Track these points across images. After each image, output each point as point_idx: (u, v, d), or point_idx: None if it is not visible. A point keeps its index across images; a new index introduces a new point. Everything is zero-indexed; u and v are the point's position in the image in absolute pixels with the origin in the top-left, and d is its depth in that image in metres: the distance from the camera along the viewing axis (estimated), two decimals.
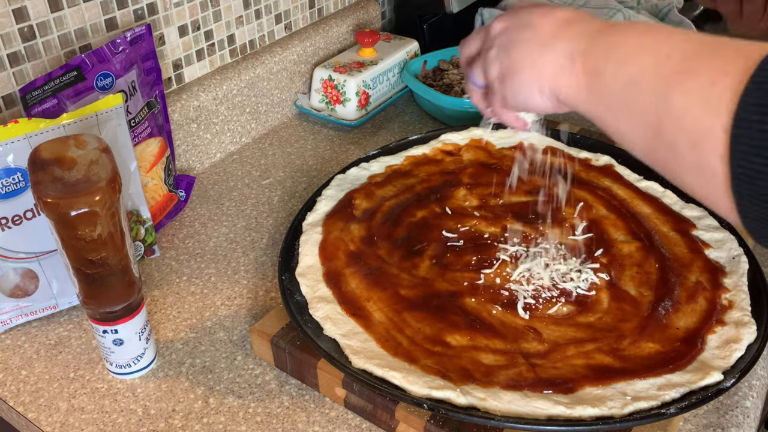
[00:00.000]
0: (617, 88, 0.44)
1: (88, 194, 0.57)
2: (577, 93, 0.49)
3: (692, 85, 0.38)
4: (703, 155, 0.38)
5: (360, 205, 0.81)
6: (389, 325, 0.65)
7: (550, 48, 0.50)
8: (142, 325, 0.66)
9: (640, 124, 0.43)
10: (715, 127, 0.37)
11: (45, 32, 0.79)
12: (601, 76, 0.46)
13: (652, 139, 0.42)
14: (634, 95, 0.43)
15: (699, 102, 0.38)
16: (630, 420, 0.55)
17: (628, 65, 0.44)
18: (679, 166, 0.41)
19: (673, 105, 0.39)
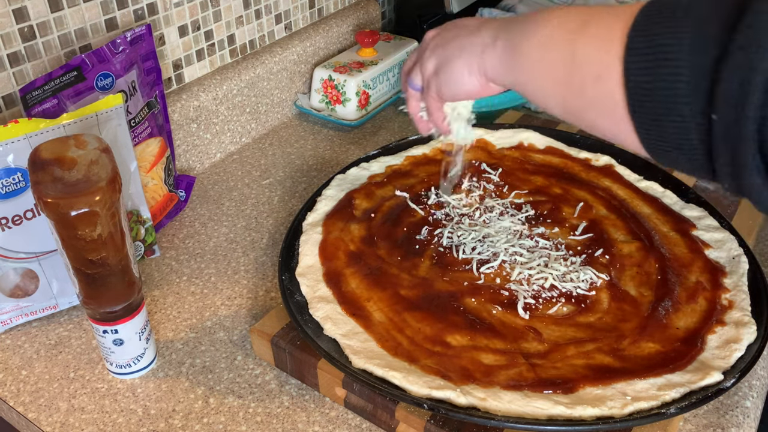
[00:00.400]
0: (531, 54, 0.51)
1: (88, 194, 0.57)
2: (500, 66, 0.55)
3: (592, 34, 0.45)
4: (605, 86, 0.43)
5: (360, 205, 0.81)
6: (389, 325, 0.65)
7: (476, 35, 0.58)
8: (142, 325, 0.66)
9: (553, 79, 0.49)
10: (612, 58, 0.42)
11: (45, 32, 0.79)
12: (517, 47, 0.52)
13: (565, 90, 0.48)
14: (545, 56, 0.49)
15: (598, 44, 0.44)
16: (630, 420, 0.55)
17: (539, 33, 0.50)
18: (588, 106, 0.46)
19: (577, 53, 0.46)
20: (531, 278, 0.70)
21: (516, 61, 0.53)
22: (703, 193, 0.83)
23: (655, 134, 0.42)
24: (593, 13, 0.46)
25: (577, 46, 0.46)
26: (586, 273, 0.70)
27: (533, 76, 0.52)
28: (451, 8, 1.23)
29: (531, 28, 0.51)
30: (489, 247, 0.74)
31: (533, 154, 0.90)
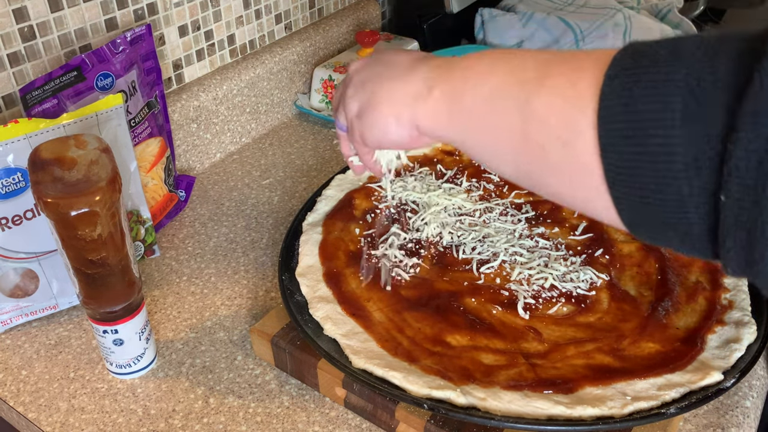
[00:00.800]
0: (477, 105, 0.43)
1: (88, 194, 0.57)
2: (436, 118, 0.47)
3: (552, 87, 0.38)
4: (573, 152, 0.36)
5: (360, 205, 0.81)
6: (389, 325, 0.65)
7: (406, 78, 0.50)
8: (142, 325, 0.66)
9: (504, 136, 0.41)
10: (582, 124, 0.35)
11: (45, 32, 0.79)
12: (459, 97, 0.45)
13: (519, 148, 0.40)
14: (495, 108, 0.42)
15: (561, 101, 0.37)
16: (630, 420, 0.55)
17: (486, 81, 0.43)
18: (549, 172, 0.39)
19: (536, 109, 0.38)
20: (531, 278, 0.70)
21: (457, 116, 0.45)
22: None
23: (642, 212, 0.35)
24: (553, 61, 0.39)
25: (535, 102, 0.38)
26: (586, 273, 0.70)
27: (479, 135, 0.44)
28: (451, 8, 1.23)
29: (475, 76, 0.44)
30: (489, 247, 0.74)
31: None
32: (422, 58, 0.51)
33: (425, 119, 0.48)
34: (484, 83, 0.43)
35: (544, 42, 1.26)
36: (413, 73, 0.49)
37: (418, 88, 0.48)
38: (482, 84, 0.43)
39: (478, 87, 0.43)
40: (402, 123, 0.50)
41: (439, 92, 0.47)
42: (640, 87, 0.33)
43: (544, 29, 1.27)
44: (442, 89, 0.46)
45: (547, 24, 1.26)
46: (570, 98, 0.36)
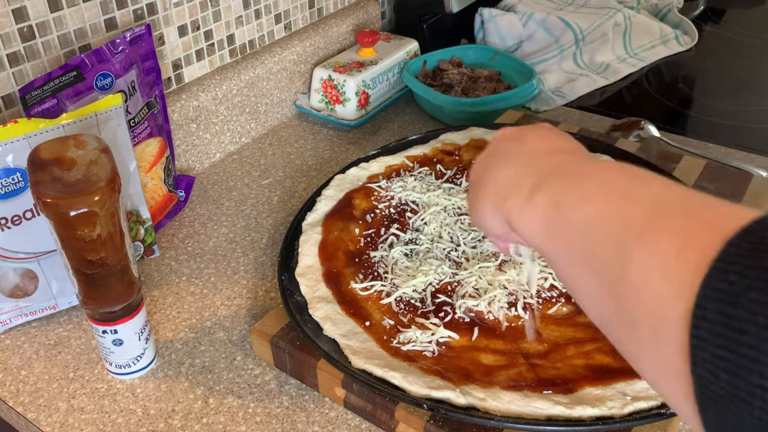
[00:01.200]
0: (576, 223, 0.37)
1: (87, 194, 0.57)
2: (529, 225, 0.42)
3: (656, 248, 0.31)
4: (663, 345, 0.29)
5: (360, 205, 0.81)
6: (389, 325, 0.65)
7: (517, 168, 0.45)
8: (142, 326, 0.66)
9: (595, 276, 0.35)
10: (674, 313, 0.28)
11: (44, 32, 0.79)
12: (560, 207, 0.39)
13: (608, 303, 0.34)
14: (592, 237, 0.36)
15: (660, 274, 0.30)
16: (630, 420, 0.55)
17: (592, 200, 0.37)
18: (638, 349, 0.32)
19: (632, 269, 0.32)
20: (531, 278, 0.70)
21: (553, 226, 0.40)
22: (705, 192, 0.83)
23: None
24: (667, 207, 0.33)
25: (633, 258, 0.32)
26: None
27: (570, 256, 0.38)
28: (450, 8, 1.23)
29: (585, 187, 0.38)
30: (489, 247, 0.74)
31: None
32: (555, 150, 0.46)
33: (517, 220, 0.44)
34: (590, 200, 0.37)
35: (543, 42, 1.26)
36: (529, 166, 0.45)
37: (520, 184, 0.44)
38: (587, 200, 0.38)
39: (582, 202, 0.38)
40: (496, 215, 0.46)
41: (541, 198, 0.41)
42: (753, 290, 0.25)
43: (544, 29, 1.27)
44: (545, 191, 0.41)
45: (547, 24, 1.26)
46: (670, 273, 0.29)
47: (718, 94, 1.18)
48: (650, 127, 1.02)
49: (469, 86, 1.12)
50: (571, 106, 1.13)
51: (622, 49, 1.26)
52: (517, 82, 1.12)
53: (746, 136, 1.04)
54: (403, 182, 0.84)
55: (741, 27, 1.42)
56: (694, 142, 1.01)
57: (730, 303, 0.26)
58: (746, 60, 1.30)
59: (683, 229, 0.31)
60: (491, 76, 1.15)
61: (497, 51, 1.18)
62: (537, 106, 1.11)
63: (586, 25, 1.26)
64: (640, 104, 1.14)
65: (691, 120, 1.12)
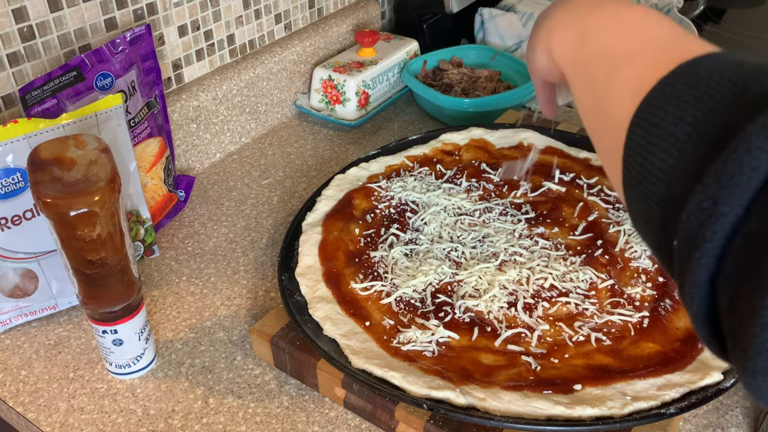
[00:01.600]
0: (592, 51, 0.45)
1: (87, 194, 0.57)
2: (564, 50, 0.50)
3: (631, 72, 0.39)
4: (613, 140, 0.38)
5: (360, 205, 0.81)
6: (389, 325, 0.65)
7: (566, 8, 0.51)
8: (142, 325, 0.66)
9: (592, 94, 0.44)
10: (626, 116, 0.37)
11: (44, 32, 0.79)
12: (588, 38, 0.46)
13: (596, 115, 0.43)
14: (598, 63, 0.44)
15: (628, 87, 0.38)
16: (630, 420, 0.55)
17: (610, 34, 0.44)
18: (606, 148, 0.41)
19: (612, 86, 0.40)
20: (531, 278, 0.70)
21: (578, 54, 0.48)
22: None
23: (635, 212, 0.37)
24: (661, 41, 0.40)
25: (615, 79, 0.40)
26: (585, 273, 0.70)
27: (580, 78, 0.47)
28: (450, 8, 1.23)
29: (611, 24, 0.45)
30: (489, 247, 0.74)
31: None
32: None
33: (558, 48, 0.50)
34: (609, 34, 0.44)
35: None
36: (573, 7, 0.50)
37: (567, 16, 0.50)
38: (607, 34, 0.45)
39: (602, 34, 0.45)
40: (544, 51, 0.53)
41: (578, 25, 0.48)
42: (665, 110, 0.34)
43: None
44: (581, 23, 0.48)
45: None
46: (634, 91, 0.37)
47: None
48: None
49: (469, 86, 1.12)
50: (571, 106, 1.13)
51: None
52: (517, 82, 1.12)
53: None
54: (403, 182, 0.84)
55: (741, 27, 1.42)
56: None
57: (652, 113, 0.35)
58: None
59: (656, 59, 0.38)
60: (491, 76, 1.15)
61: (497, 51, 1.18)
62: (537, 106, 1.11)
63: None
64: None
65: None
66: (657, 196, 0.34)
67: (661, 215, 0.34)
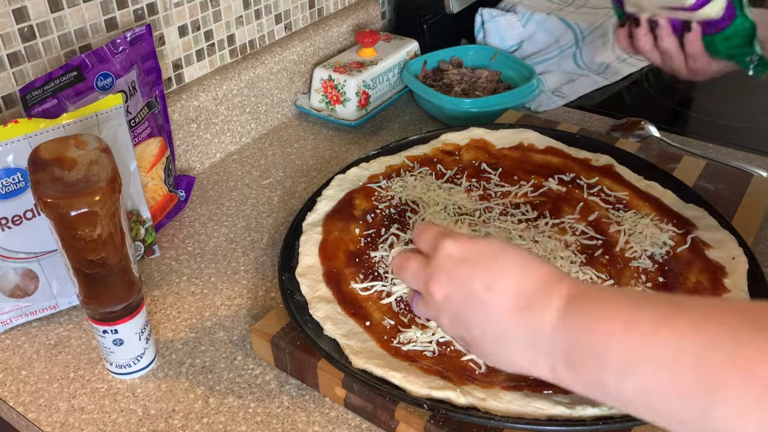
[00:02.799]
0: (631, 396, 0.38)
1: (88, 194, 0.57)
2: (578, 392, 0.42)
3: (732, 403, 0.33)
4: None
5: (360, 205, 0.81)
6: (389, 324, 0.65)
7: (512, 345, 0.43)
8: (142, 325, 0.66)
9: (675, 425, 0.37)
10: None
11: (45, 32, 0.79)
12: (603, 386, 0.39)
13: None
14: (656, 403, 0.36)
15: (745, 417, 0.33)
16: (630, 420, 0.55)
17: (632, 376, 0.37)
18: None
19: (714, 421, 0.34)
20: None
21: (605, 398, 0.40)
22: (704, 193, 0.83)
23: None
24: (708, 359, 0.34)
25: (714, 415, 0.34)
26: (586, 273, 0.70)
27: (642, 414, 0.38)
28: (451, 8, 1.23)
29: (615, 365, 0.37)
30: None
31: (533, 154, 0.90)
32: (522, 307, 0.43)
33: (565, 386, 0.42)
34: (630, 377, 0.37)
35: (544, 42, 1.26)
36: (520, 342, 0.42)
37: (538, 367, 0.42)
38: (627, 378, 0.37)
39: (623, 380, 0.37)
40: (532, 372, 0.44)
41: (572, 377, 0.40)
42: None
43: (544, 29, 1.27)
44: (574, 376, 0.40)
45: (547, 24, 1.26)
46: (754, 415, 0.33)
47: (718, 94, 1.18)
48: (650, 127, 1.02)
49: (469, 86, 1.12)
50: (571, 106, 1.13)
51: None
52: (517, 82, 1.12)
53: (746, 136, 1.04)
54: (404, 182, 0.84)
55: None
56: (694, 142, 1.01)
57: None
58: None
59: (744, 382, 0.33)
60: (491, 76, 1.15)
61: (497, 51, 1.19)
62: (537, 106, 1.11)
63: (586, 25, 1.26)
64: (640, 104, 1.14)
65: (691, 120, 1.12)
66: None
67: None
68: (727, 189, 0.85)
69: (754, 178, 0.87)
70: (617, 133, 1.02)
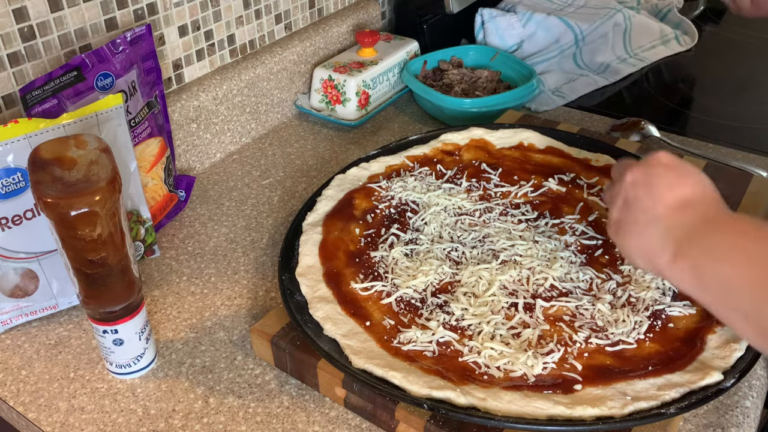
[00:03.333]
0: (716, 285, 0.50)
1: (88, 194, 0.57)
2: (681, 284, 0.54)
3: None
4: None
5: (360, 205, 0.81)
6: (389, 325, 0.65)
7: (657, 228, 0.55)
8: (142, 325, 0.66)
9: (741, 317, 0.49)
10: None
11: (45, 32, 0.79)
12: (700, 271, 0.51)
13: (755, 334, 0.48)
14: (733, 296, 0.48)
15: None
16: (630, 420, 0.55)
17: (723, 265, 0.49)
18: None
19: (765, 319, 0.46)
20: (531, 278, 0.70)
21: (698, 285, 0.52)
22: None
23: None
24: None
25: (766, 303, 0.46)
26: (586, 273, 0.70)
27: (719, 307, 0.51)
28: (451, 8, 1.23)
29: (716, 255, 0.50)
30: (489, 247, 0.74)
31: (533, 154, 0.90)
32: (681, 206, 0.55)
33: (669, 278, 0.55)
34: (722, 265, 0.49)
35: (544, 42, 1.26)
36: (666, 230, 0.55)
37: (662, 247, 0.54)
38: (720, 265, 0.50)
39: (716, 268, 0.50)
40: (644, 263, 0.58)
41: (683, 263, 0.52)
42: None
43: (544, 29, 1.27)
44: (686, 261, 0.52)
45: (547, 24, 1.26)
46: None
47: (718, 94, 1.18)
48: (650, 127, 1.02)
49: (469, 86, 1.12)
50: (571, 106, 1.13)
51: (622, 50, 1.26)
52: (517, 82, 1.12)
53: (746, 136, 1.04)
54: (404, 182, 0.84)
55: (741, 27, 1.42)
56: (694, 142, 1.01)
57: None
58: (746, 60, 1.30)
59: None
60: (491, 76, 1.15)
61: (497, 51, 1.19)
62: (537, 106, 1.11)
63: (586, 25, 1.26)
64: (640, 104, 1.14)
65: (691, 120, 1.12)
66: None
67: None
68: (727, 189, 0.85)
69: (754, 178, 0.87)
70: (617, 133, 1.02)
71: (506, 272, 0.70)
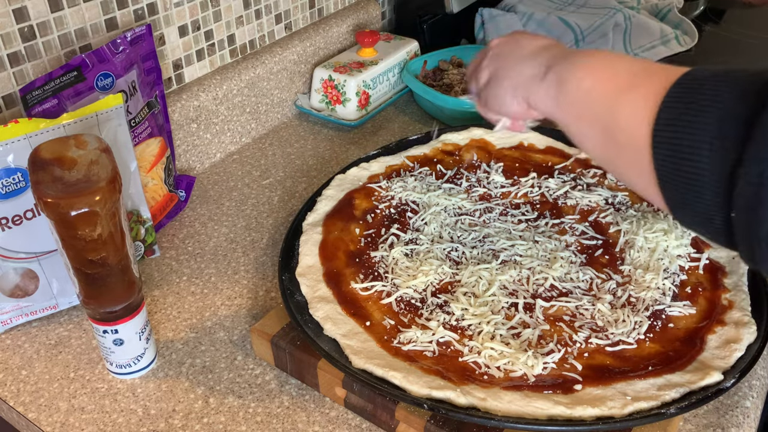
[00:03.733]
0: (578, 96, 0.53)
1: (88, 194, 0.57)
2: (546, 99, 0.57)
3: (633, 98, 0.47)
4: (637, 153, 0.47)
5: (360, 205, 0.81)
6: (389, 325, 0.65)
7: (529, 61, 0.60)
8: (142, 325, 0.66)
9: (596, 128, 0.51)
10: (644, 130, 0.46)
11: (45, 32, 0.79)
12: (566, 84, 0.54)
13: (606, 141, 0.50)
14: (590, 103, 0.51)
15: (636, 111, 0.47)
16: (630, 420, 0.55)
17: (588, 77, 0.52)
18: (624, 164, 0.50)
19: (620, 115, 0.48)
20: (531, 278, 0.70)
21: (562, 100, 0.55)
22: None
23: (681, 211, 0.45)
24: (641, 73, 0.48)
25: (620, 109, 0.48)
26: (586, 273, 0.70)
27: (577, 119, 0.53)
28: (451, 8, 1.23)
29: (583, 70, 0.53)
30: (489, 247, 0.74)
31: (533, 154, 0.90)
32: (549, 46, 0.60)
33: (535, 97, 0.58)
34: (587, 78, 0.52)
35: None
36: (536, 57, 0.59)
37: (535, 71, 0.58)
38: (585, 78, 0.52)
39: (581, 80, 0.52)
40: (516, 96, 0.61)
41: (552, 76, 0.56)
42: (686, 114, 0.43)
43: (544, 29, 1.27)
44: (555, 75, 0.56)
45: (547, 24, 1.26)
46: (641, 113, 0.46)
47: None
48: None
49: None
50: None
51: (622, 49, 1.26)
52: None
53: None
54: (404, 182, 0.84)
55: (741, 27, 1.42)
56: None
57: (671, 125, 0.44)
58: (746, 60, 1.30)
59: (647, 84, 0.47)
60: None
61: None
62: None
63: (586, 25, 1.26)
64: None
65: None
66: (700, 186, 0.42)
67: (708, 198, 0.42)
68: None
69: None
70: None
71: (506, 272, 0.70)
